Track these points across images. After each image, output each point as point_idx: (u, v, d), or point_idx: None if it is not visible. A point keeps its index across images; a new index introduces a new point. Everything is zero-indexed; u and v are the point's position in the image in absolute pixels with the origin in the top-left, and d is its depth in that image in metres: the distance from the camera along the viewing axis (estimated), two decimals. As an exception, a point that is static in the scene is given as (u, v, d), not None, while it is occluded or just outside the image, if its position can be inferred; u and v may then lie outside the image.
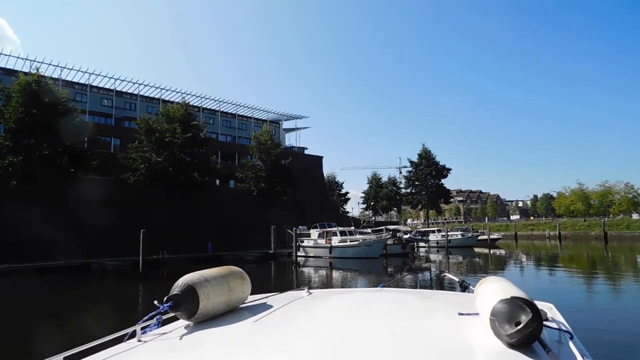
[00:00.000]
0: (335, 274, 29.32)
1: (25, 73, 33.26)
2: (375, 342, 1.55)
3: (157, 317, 1.93)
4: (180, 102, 43.36)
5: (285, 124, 69.56)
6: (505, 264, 34.14)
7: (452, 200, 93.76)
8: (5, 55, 43.13)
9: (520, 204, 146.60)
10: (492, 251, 45.58)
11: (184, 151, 38.44)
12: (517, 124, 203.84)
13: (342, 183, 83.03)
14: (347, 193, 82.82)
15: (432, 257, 41.12)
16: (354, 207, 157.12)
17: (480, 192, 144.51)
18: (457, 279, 3.10)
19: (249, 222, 46.42)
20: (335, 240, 36.00)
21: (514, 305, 1.37)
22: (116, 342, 1.77)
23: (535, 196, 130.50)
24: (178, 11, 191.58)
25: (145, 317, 1.93)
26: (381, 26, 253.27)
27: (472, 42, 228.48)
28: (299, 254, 38.62)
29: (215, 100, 58.39)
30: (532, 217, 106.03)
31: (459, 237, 51.82)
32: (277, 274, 29.94)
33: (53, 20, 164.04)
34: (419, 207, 77.92)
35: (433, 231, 55.12)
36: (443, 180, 71.22)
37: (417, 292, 3.20)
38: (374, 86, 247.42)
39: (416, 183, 71.32)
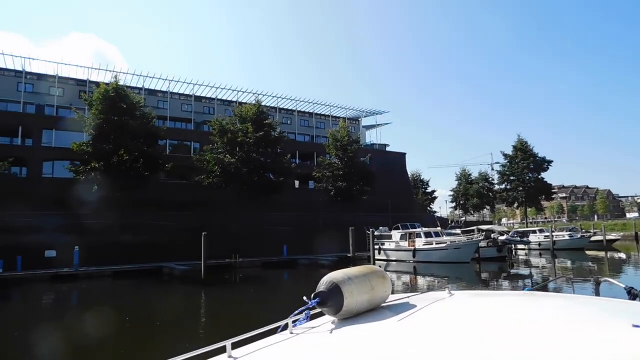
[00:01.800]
0: (420, 281, 25.92)
1: (107, 84, 33.99)
2: (531, 353, 1.39)
3: (306, 311, 2.05)
4: (254, 102, 42.42)
5: (365, 121, 66.75)
6: (632, 269, 28.07)
7: (553, 196, 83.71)
8: (95, 69, 45.62)
9: (639, 200, 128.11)
10: (609, 254, 38.68)
11: (257, 151, 37.31)
12: (627, 112, 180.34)
13: (428, 181, 78.06)
14: (433, 191, 77.72)
15: (534, 261, 35.68)
16: (442, 207, 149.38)
17: (587, 187, 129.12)
18: (622, 285, 2.65)
19: (327, 224, 44.37)
20: (419, 243, 32.39)
21: None
22: (271, 333, 1.90)
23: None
24: (257, 15, 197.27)
25: (296, 311, 2.05)
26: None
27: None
28: (379, 257, 35.76)
29: (292, 100, 57.34)
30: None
31: (566, 237, 44.91)
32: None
33: (149, 38, 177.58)
34: (515, 204, 70.32)
35: (534, 231, 48.57)
36: (543, 174, 63.34)
37: (574, 297, 2.53)
38: (463, 75, 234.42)
39: (511, 178, 64.14)
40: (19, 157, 39.12)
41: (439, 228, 34.34)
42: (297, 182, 54.27)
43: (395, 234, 35.15)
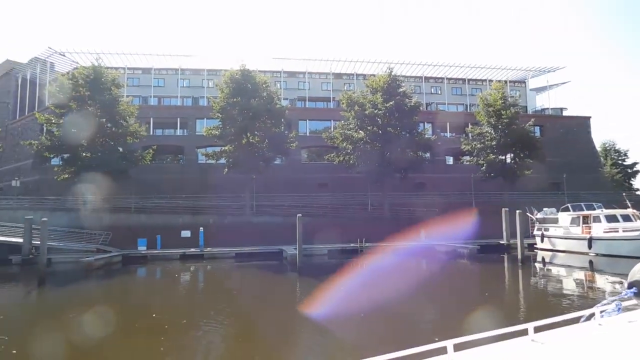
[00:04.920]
0: (600, 281, 19.03)
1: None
2: None
3: (617, 302, 1.95)
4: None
5: (533, 83, 55.78)
6: None
7: None
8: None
9: None
10: None
11: (390, 123, 33.34)
12: None
13: (626, 152, 62.06)
14: (634, 164, 61.56)
15: None
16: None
17: None
18: None
19: (479, 205, 38.10)
20: (598, 229, 24.25)
21: None
22: (572, 322, 1.90)
23: None
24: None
25: (604, 301, 1.97)
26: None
27: None
28: (542, 246, 28.63)
29: (441, 66, 50.90)
30: None
31: None
32: (496, 277, 21.41)
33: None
34: None
35: None
36: None
37: None
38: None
39: None
40: (178, 146, 43.26)
41: (630, 210, 25.33)
42: (450, 159, 48.53)
43: (564, 217, 27.33)
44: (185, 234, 28.93)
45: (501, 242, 29.43)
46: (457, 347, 1.95)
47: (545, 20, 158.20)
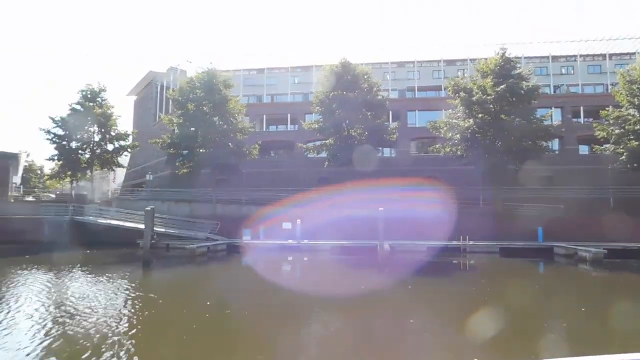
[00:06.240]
0: None
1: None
2: None
3: None
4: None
5: None
6: None
7: None
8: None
9: None
10: None
11: (503, 109, 30.05)
12: None
13: None
14: None
15: None
16: None
17: None
18: None
19: (616, 201, 32.55)
20: None
21: None
22: None
23: None
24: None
25: None
26: None
27: None
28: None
29: (572, 42, 44.57)
30: None
31: None
32: (616, 288, 17.74)
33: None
34: None
35: None
36: None
37: None
38: None
39: None
40: (289, 141, 44.96)
41: None
42: (585, 148, 42.20)
43: None
44: (287, 225, 29.86)
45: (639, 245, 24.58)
46: None
47: None
